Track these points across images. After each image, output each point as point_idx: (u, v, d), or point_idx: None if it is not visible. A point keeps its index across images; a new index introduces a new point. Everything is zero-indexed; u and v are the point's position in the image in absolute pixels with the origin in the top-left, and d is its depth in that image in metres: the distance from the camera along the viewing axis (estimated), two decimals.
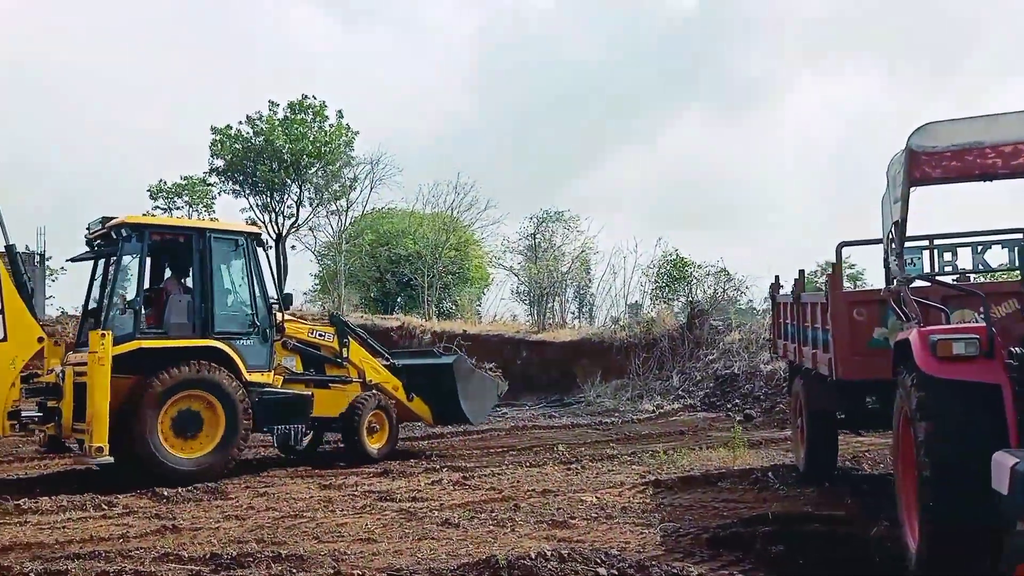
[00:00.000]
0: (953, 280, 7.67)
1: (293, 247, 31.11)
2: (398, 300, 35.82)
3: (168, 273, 10.90)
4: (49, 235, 35.04)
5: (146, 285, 10.36)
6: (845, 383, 7.64)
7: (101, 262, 10.87)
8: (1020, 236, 7.38)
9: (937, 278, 6.94)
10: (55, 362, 9.85)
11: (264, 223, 30.41)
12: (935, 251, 7.73)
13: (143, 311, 9.88)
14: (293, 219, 30.59)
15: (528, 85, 68.35)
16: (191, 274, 10.45)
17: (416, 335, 25.74)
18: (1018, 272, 6.80)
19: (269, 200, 30.26)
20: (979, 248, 6.91)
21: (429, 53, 72.69)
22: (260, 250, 10.78)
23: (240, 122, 29.86)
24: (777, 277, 10.80)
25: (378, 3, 77.92)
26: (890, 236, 5.82)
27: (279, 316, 10.89)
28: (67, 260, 12.04)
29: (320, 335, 11.53)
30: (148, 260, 10.39)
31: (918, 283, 6.24)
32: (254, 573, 5.75)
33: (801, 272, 9.50)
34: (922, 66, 69.98)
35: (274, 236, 30.18)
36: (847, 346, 7.52)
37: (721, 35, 72.08)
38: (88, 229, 10.69)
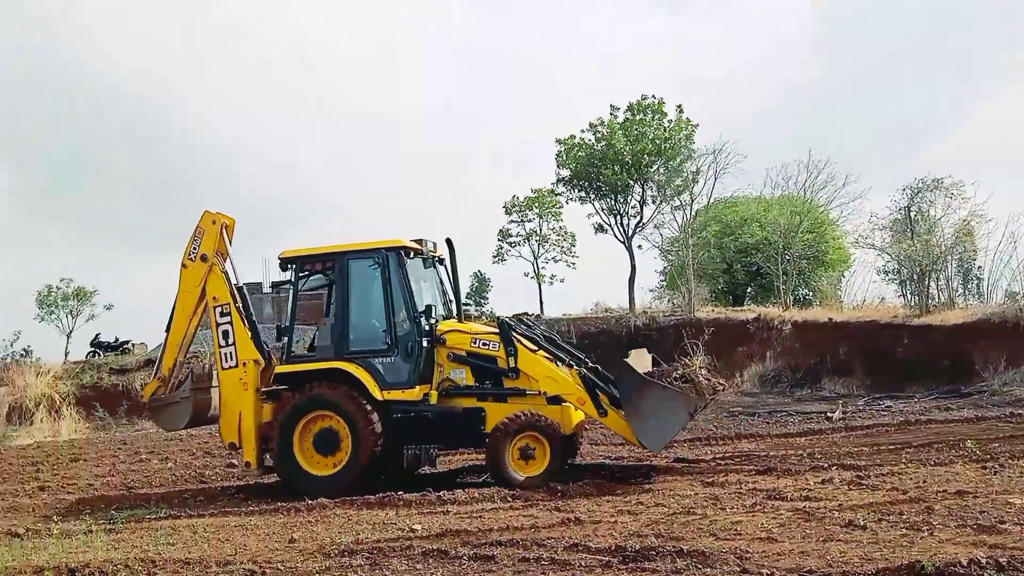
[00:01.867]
0: None
1: (640, 246, 31.65)
2: (748, 290, 34.72)
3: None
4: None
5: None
6: None
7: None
8: None
9: None
10: None
11: (610, 225, 31.39)
12: None
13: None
14: (638, 219, 31.13)
15: (875, 38, 62.52)
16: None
17: (774, 327, 24.71)
18: None
19: (613, 202, 31.12)
20: None
21: (762, 30, 69.94)
22: (405, 263, 10.40)
23: (582, 130, 31.20)
24: None
25: None
26: None
27: (444, 326, 10.55)
28: (270, 285, 13.15)
29: (484, 344, 10.40)
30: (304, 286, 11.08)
31: None
32: (659, 567, 5.85)
33: None
34: None
35: (621, 238, 31.07)
36: None
37: None
38: None
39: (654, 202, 30.90)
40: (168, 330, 11.14)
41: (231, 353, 10.56)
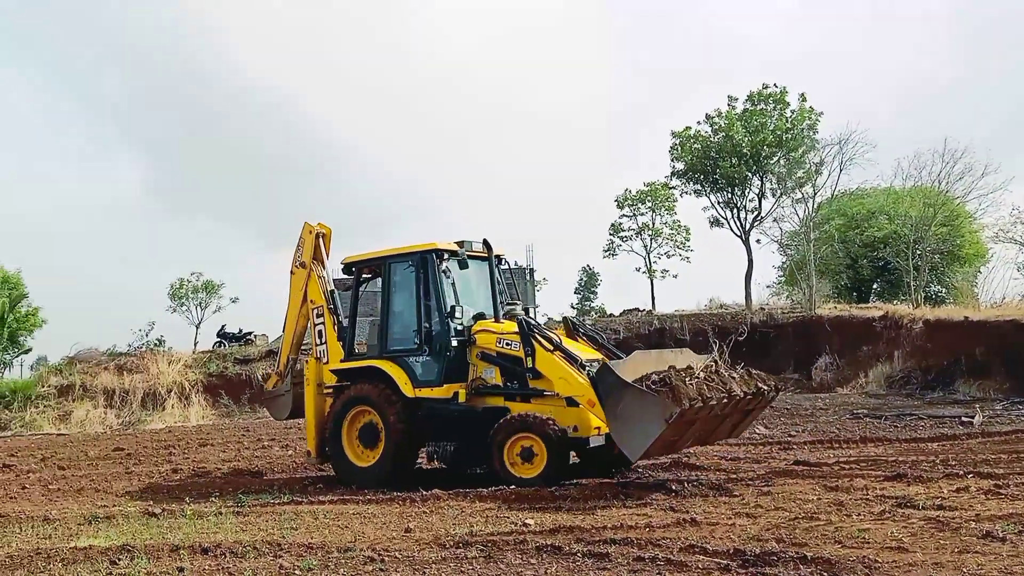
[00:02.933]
0: None
1: (758, 241, 30.72)
2: (874, 287, 33.14)
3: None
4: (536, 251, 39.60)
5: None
6: None
7: None
8: None
9: None
10: None
11: (726, 219, 30.58)
12: None
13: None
14: (756, 212, 30.20)
15: (1019, 19, 58.26)
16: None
17: (903, 325, 23.50)
18: None
19: (730, 195, 30.30)
20: None
21: (895, 12, 66.48)
22: (437, 265, 10.54)
23: (698, 122, 30.50)
24: None
25: None
26: None
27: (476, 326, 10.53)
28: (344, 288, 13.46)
29: (508, 344, 10.24)
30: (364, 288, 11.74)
31: None
32: (781, 573, 5.63)
33: None
34: None
35: (738, 231, 30.21)
36: None
37: None
38: None
39: (773, 195, 30.02)
40: (284, 329, 12.37)
41: (324, 351, 11.52)
